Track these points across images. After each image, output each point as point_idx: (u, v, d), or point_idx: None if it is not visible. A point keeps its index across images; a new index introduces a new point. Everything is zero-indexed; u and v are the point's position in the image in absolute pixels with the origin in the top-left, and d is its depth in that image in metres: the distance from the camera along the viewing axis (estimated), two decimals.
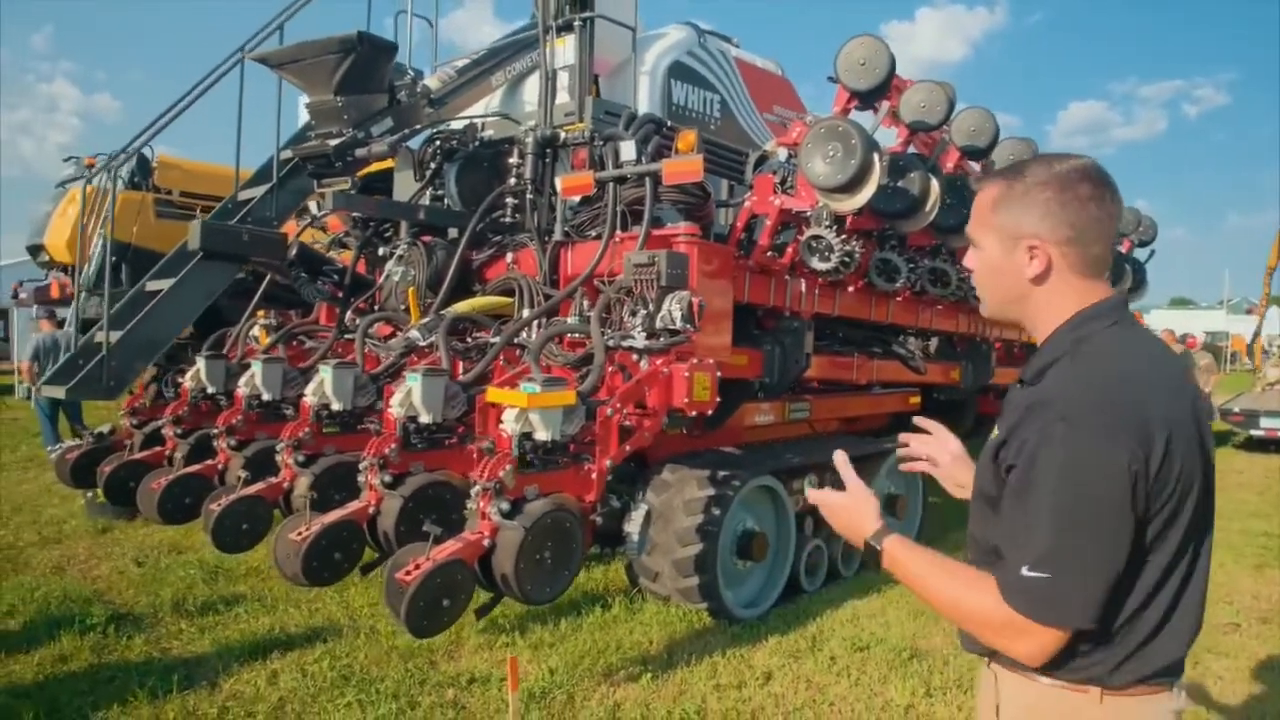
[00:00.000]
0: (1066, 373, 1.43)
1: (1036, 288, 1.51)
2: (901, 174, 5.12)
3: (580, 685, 3.94)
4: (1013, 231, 1.51)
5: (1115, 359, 1.44)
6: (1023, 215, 1.49)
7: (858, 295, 5.83)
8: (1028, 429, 1.39)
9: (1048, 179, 1.47)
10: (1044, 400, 1.40)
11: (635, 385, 4.00)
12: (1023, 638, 1.38)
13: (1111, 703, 1.42)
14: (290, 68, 5.00)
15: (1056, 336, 1.50)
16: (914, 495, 6.55)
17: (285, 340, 5.71)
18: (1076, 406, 1.36)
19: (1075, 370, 1.43)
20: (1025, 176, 1.50)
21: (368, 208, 5.35)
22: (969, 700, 3.92)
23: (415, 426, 4.17)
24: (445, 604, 3.32)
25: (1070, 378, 1.42)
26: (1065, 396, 1.39)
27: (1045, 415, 1.37)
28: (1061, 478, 1.34)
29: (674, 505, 4.72)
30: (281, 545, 3.89)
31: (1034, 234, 1.48)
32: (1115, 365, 1.43)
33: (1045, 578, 1.33)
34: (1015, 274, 1.52)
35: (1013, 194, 1.50)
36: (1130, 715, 1.43)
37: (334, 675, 3.98)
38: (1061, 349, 1.47)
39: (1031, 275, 1.50)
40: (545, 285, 4.92)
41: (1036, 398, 1.43)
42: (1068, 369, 1.44)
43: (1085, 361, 1.43)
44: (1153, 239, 8.99)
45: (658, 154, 4.76)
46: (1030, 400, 1.43)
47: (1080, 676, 1.43)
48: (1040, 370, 1.48)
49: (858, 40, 4.89)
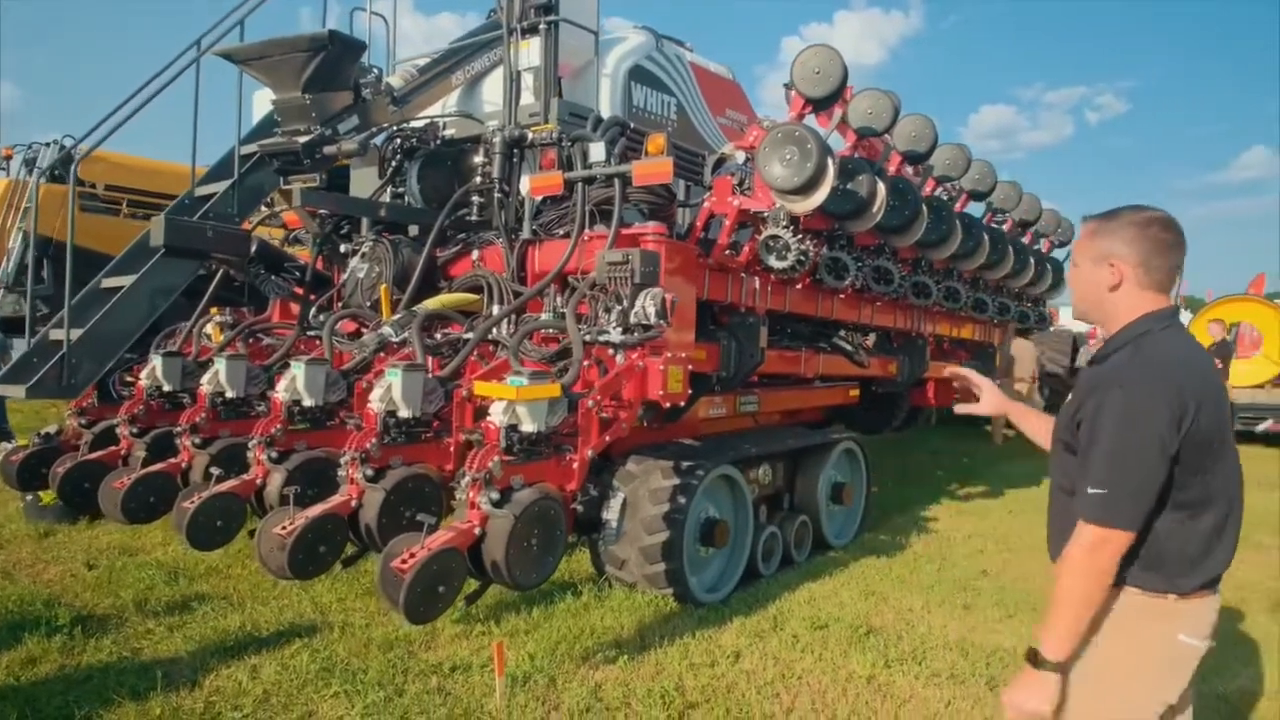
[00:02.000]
0: (1127, 357, 2.03)
1: (1110, 294, 2.11)
2: (850, 177, 5.40)
3: (560, 669, 4.07)
4: (1103, 253, 2.10)
5: (1166, 350, 2.01)
6: (1110, 243, 2.09)
7: (806, 292, 6.10)
8: (1097, 396, 1.99)
9: (1130, 220, 2.08)
10: (1108, 374, 2.02)
11: (614, 378, 4.17)
12: (1105, 545, 1.92)
13: (1183, 603, 2.01)
14: (257, 64, 4.99)
15: (1123, 332, 2.09)
16: (858, 482, 6.87)
17: (243, 338, 5.68)
18: (1130, 378, 1.97)
19: (1134, 357, 2.01)
20: (1117, 218, 2.11)
21: (335, 204, 5.37)
22: (924, 670, 4.21)
23: (394, 420, 4.24)
24: (440, 590, 3.43)
25: (1129, 361, 2.01)
26: (1123, 372, 1.99)
27: (1109, 384, 1.98)
28: (1115, 425, 1.92)
29: (640, 495, 4.88)
30: (265, 540, 3.92)
31: (1115, 255, 2.08)
32: (1165, 354, 2.00)
33: (1103, 493, 1.92)
34: (1099, 284, 2.12)
35: (1106, 228, 2.11)
36: (1193, 610, 2.02)
37: (316, 668, 4.02)
38: (1125, 340, 2.06)
39: (1109, 285, 2.10)
40: (513, 282, 5.04)
41: (1103, 373, 2.04)
42: (1129, 355, 2.03)
43: (1142, 350, 2.01)
44: (1070, 240, 9.55)
45: (624, 155, 4.93)
46: (1098, 376, 2.05)
47: (1162, 588, 2.00)
48: (1107, 355, 2.09)
49: (813, 50, 5.14)
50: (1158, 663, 2.02)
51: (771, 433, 6.54)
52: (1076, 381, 2.23)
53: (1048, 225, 8.77)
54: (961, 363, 9.19)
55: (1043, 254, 8.92)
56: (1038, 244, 8.86)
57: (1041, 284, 8.69)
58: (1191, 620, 2.02)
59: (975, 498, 8.73)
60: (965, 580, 5.74)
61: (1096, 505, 1.92)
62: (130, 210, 9.30)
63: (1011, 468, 10.74)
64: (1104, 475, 1.92)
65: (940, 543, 6.79)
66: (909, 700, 3.92)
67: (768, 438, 6.21)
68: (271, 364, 5.35)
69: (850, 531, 6.78)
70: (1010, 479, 9.80)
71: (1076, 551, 1.96)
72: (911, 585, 5.60)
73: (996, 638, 4.71)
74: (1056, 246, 9.39)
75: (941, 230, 6.42)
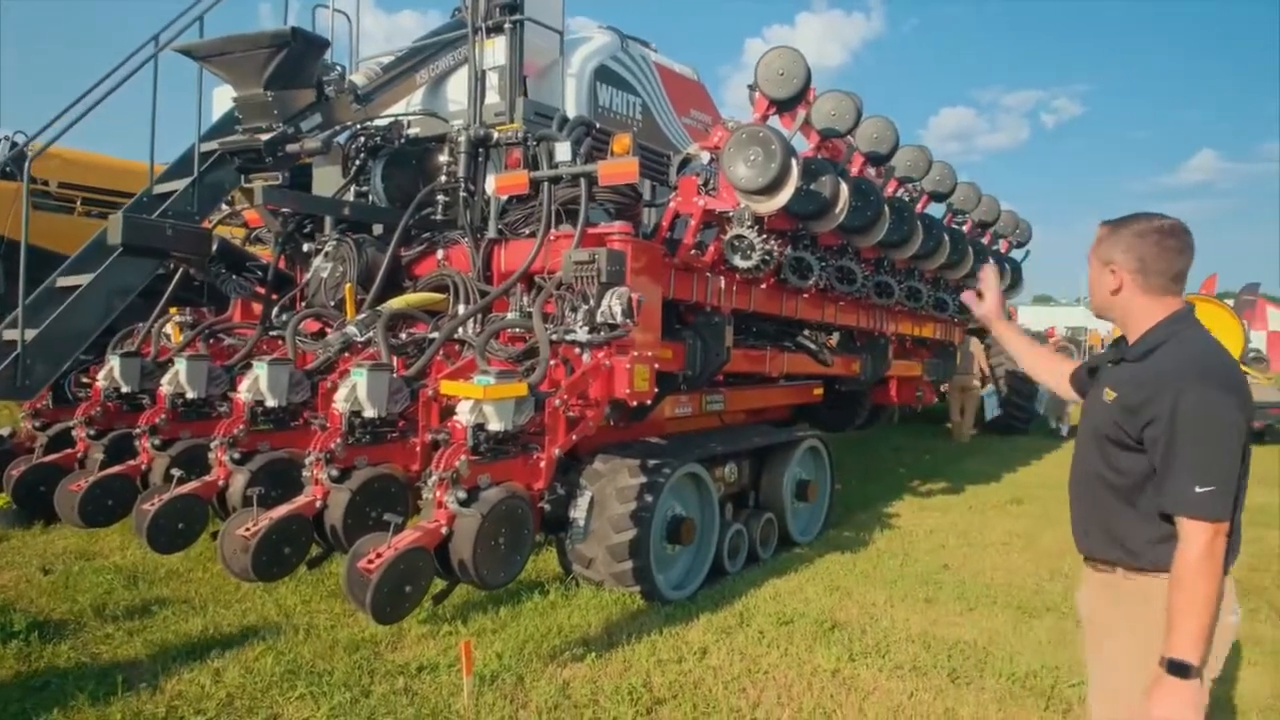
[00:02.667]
0: (1176, 352, 2.09)
1: (1113, 297, 2.22)
2: (814, 178, 5.46)
3: (528, 667, 4.07)
4: (1104, 259, 2.22)
5: (1208, 344, 2.12)
6: (1110, 249, 2.21)
7: (770, 291, 6.15)
8: (1164, 392, 2.03)
9: (1132, 229, 2.19)
10: (1169, 370, 2.06)
11: (580, 377, 4.18)
12: (1218, 539, 1.98)
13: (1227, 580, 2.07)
14: (217, 61, 4.93)
15: (1156, 330, 2.16)
16: (823, 479, 6.95)
17: (204, 338, 5.60)
18: (1202, 371, 2.03)
19: (1183, 351, 2.09)
20: (1122, 226, 2.22)
21: (298, 202, 5.32)
22: (888, 663, 4.28)
23: (359, 420, 4.21)
24: (407, 590, 3.42)
25: (1184, 355, 2.08)
26: (1189, 366, 2.04)
27: (1178, 380, 2.02)
28: (1208, 422, 1.98)
29: (607, 493, 4.90)
30: (229, 541, 3.88)
31: (1115, 261, 2.19)
32: (1213, 348, 2.11)
33: (1212, 489, 1.96)
34: (1102, 286, 2.24)
35: (1109, 235, 2.22)
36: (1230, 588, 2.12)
37: (280, 670, 3.98)
38: (1162, 338, 2.13)
39: (1110, 289, 2.21)
40: (479, 281, 5.03)
41: (1158, 370, 2.08)
42: (1176, 350, 2.09)
43: (1188, 345, 2.10)
44: (1028, 240, 9.73)
45: (589, 155, 4.94)
46: (1151, 372, 2.09)
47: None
48: (1146, 352, 2.15)
49: (777, 51, 5.20)
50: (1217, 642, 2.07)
51: (737, 431, 6.60)
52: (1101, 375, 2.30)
53: (1006, 226, 8.93)
54: (924, 362, 9.34)
55: (1001, 254, 9.09)
56: (996, 244, 9.02)
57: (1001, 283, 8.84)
58: (1230, 598, 2.12)
59: (937, 494, 8.87)
60: (927, 575, 5.84)
61: (1207, 502, 1.96)
62: (85, 208, 9.12)
63: (972, 464, 10.94)
64: (1209, 471, 1.97)
65: (903, 538, 6.89)
66: (873, 692, 3.98)
67: (733, 436, 6.26)
68: (233, 364, 5.29)
69: (815, 528, 6.85)
70: (971, 476, 9.97)
71: (1195, 552, 1.97)
72: (875, 580, 5.68)
73: (957, 630, 4.80)
74: (1015, 247, 9.57)
75: (903, 231, 6.52)
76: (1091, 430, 2.24)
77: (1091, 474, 2.25)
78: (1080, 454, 2.33)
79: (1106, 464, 2.18)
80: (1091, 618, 2.34)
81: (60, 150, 8.15)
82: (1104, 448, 2.18)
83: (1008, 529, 7.25)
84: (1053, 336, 14.13)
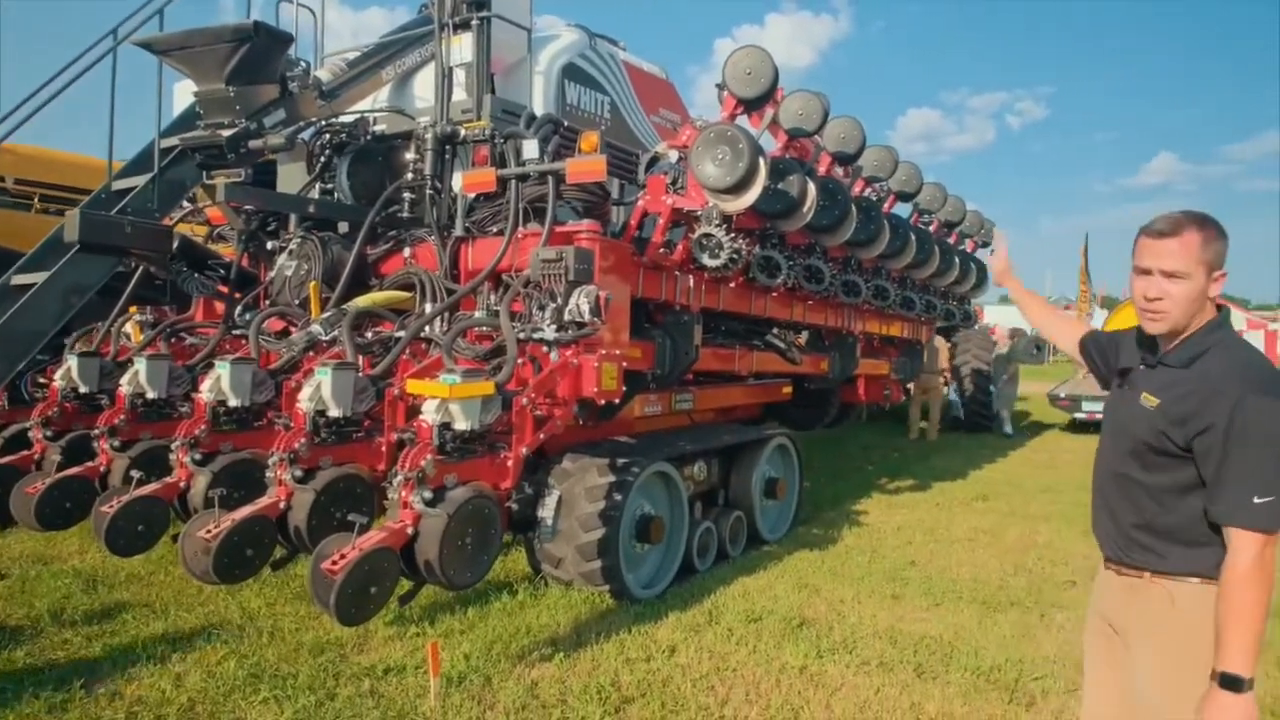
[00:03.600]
0: (1225, 359, 2.05)
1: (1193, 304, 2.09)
2: (782, 177, 5.49)
3: (496, 668, 4.05)
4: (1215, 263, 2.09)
5: (1253, 351, 2.09)
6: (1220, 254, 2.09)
7: (739, 290, 6.18)
8: (1218, 400, 1.98)
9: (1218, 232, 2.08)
10: (1221, 378, 2.01)
11: (548, 375, 4.16)
12: (1269, 548, 1.94)
13: None
14: (178, 54, 4.84)
15: (1198, 336, 2.11)
16: (791, 477, 6.99)
17: (165, 337, 5.51)
18: (1260, 380, 1.98)
19: (1232, 358, 2.05)
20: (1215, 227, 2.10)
21: (261, 199, 5.24)
22: (855, 659, 4.31)
23: (324, 420, 4.16)
24: (372, 591, 3.39)
25: (1234, 363, 2.04)
26: (1242, 375, 2.00)
27: (1234, 389, 1.98)
28: (1267, 430, 1.94)
29: (576, 492, 4.89)
30: (190, 544, 3.82)
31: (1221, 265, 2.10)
32: (1259, 356, 2.08)
33: (1272, 499, 1.93)
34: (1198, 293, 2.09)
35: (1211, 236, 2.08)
36: None
37: (243, 674, 3.92)
38: (1207, 344, 2.08)
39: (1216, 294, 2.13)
40: (446, 280, 4.99)
41: (1209, 377, 2.03)
42: (1224, 357, 2.05)
43: (1235, 352, 2.07)
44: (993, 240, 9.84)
45: (557, 153, 4.92)
46: (1199, 380, 2.04)
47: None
48: (1191, 359, 2.09)
49: (744, 51, 5.22)
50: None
51: (706, 430, 6.61)
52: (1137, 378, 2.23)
53: (972, 226, 9.04)
54: (892, 361, 9.43)
55: (967, 253, 9.19)
56: (962, 244, 9.12)
57: (966, 282, 8.95)
58: None
59: (904, 491, 8.95)
60: (894, 571, 5.89)
61: (1266, 513, 1.93)
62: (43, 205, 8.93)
63: (940, 461, 11.05)
64: (1269, 482, 1.93)
65: (871, 535, 6.94)
66: (840, 688, 4.01)
67: (702, 435, 6.27)
68: (195, 364, 5.20)
69: (784, 526, 6.89)
70: (938, 473, 10.07)
71: (1247, 563, 1.94)
72: (843, 577, 5.72)
73: (923, 626, 4.84)
74: (980, 247, 9.69)
75: (870, 230, 6.57)
76: (1128, 436, 2.18)
77: (1124, 478, 2.21)
78: (1110, 457, 2.28)
79: (1144, 470, 2.14)
80: (1109, 619, 2.31)
81: (15, 146, 7.98)
82: (1142, 454, 2.14)
83: (974, 525, 7.33)
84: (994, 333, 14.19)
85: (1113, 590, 2.29)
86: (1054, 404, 14.71)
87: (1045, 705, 3.89)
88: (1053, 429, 15.19)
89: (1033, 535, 7.03)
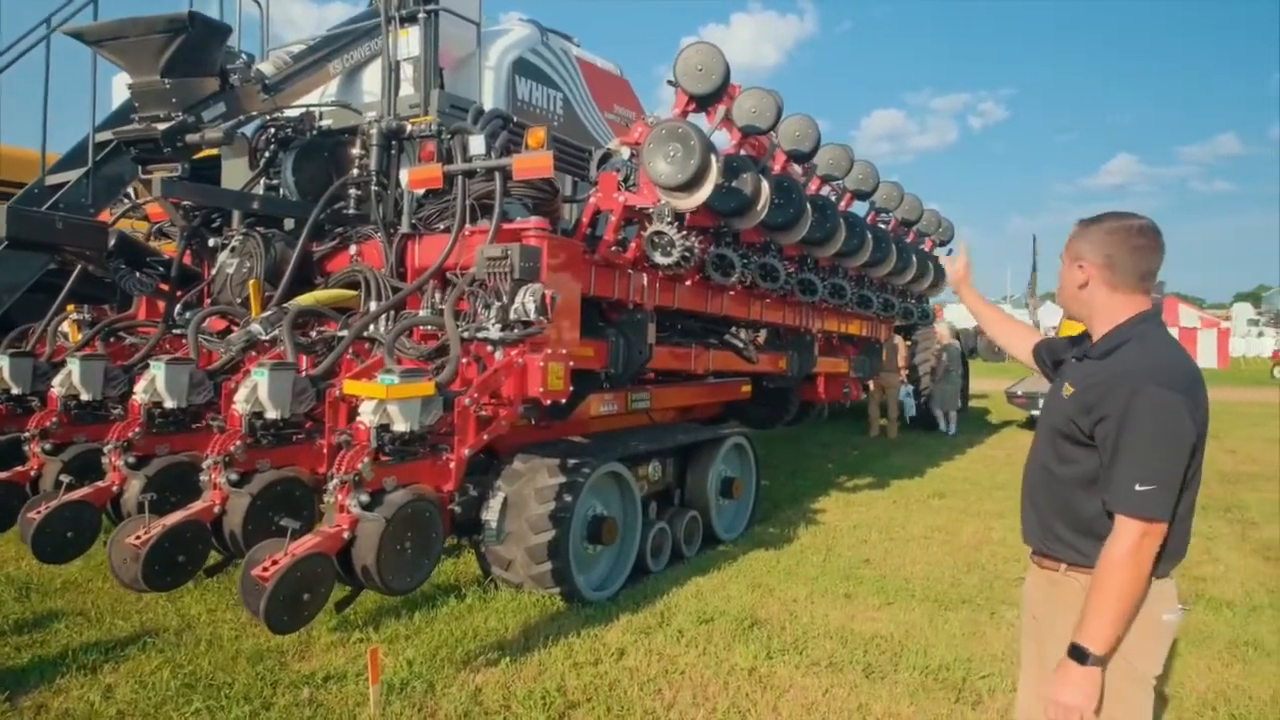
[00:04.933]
0: (1139, 352, 2.09)
1: (1080, 292, 2.22)
2: (735, 174, 5.46)
3: (440, 674, 3.98)
4: (1075, 254, 2.23)
5: (1171, 347, 2.12)
6: (1081, 245, 2.21)
7: (695, 289, 6.14)
8: (1118, 389, 2.02)
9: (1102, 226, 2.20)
10: (1127, 369, 2.05)
11: (492, 375, 4.08)
12: (1150, 539, 1.97)
13: (1157, 583, 2.07)
14: (111, 45, 4.68)
15: (1121, 329, 2.15)
16: (748, 476, 6.96)
17: (103, 336, 5.35)
18: (1160, 373, 2.02)
19: (1146, 350, 2.08)
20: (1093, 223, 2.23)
21: (200, 195, 5.09)
22: (804, 660, 4.29)
23: (262, 422, 4.05)
24: (305, 598, 3.29)
25: (1145, 355, 2.07)
26: (1148, 367, 2.03)
27: (1134, 379, 2.02)
28: (1156, 420, 1.97)
29: (526, 494, 4.82)
30: (118, 550, 3.69)
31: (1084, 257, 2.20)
32: (1175, 351, 2.11)
33: (1153, 488, 1.96)
34: (1070, 282, 2.24)
35: (1081, 232, 2.23)
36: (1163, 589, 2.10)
37: (177, 684, 3.81)
38: (1126, 337, 2.13)
39: (1077, 283, 2.21)
40: (392, 278, 4.89)
41: (1118, 368, 2.08)
42: (1139, 349, 2.09)
43: (1151, 345, 2.10)
44: (951, 239, 9.91)
45: (505, 149, 4.83)
46: (1110, 370, 2.09)
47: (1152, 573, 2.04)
48: (1109, 350, 2.14)
49: (695, 47, 5.17)
50: (1151, 639, 2.10)
51: (661, 429, 6.56)
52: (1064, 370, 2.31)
53: (929, 225, 9.08)
54: (851, 359, 9.45)
55: (925, 252, 9.24)
56: (920, 242, 9.16)
57: (924, 281, 8.99)
58: (1169, 598, 2.12)
59: (862, 489, 8.97)
60: (849, 569, 5.88)
61: (1147, 500, 1.96)
62: None
63: (898, 459, 11.10)
64: (1153, 471, 1.96)
65: (827, 533, 6.94)
66: (788, 690, 3.98)
67: (656, 434, 6.22)
68: (133, 364, 5.05)
69: (740, 525, 6.86)
70: (896, 471, 10.12)
71: (1121, 548, 1.98)
72: (797, 576, 5.70)
73: (875, 625, 4.83)
74: (938, 245, 9.74)
75: (826, 228, 6.56)
76: (1048, 425, 2.24)
77: (1045, 469, 2.25)
78: (1035, 448, 2.32)
79: (1058, 459, 2.19)
80: (1033, 612, 2.34)
81: None
82: (1056, 442, 2.19)
83: (929, 523, 7.36)
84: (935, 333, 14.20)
85: (1036, 584, 2.32)
86: (1011, 401, 14.87)
87: (992, 704, 3.89)
88: (1010, 426, 15.36)
89: (987, 532, 7.07)
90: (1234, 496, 8.85)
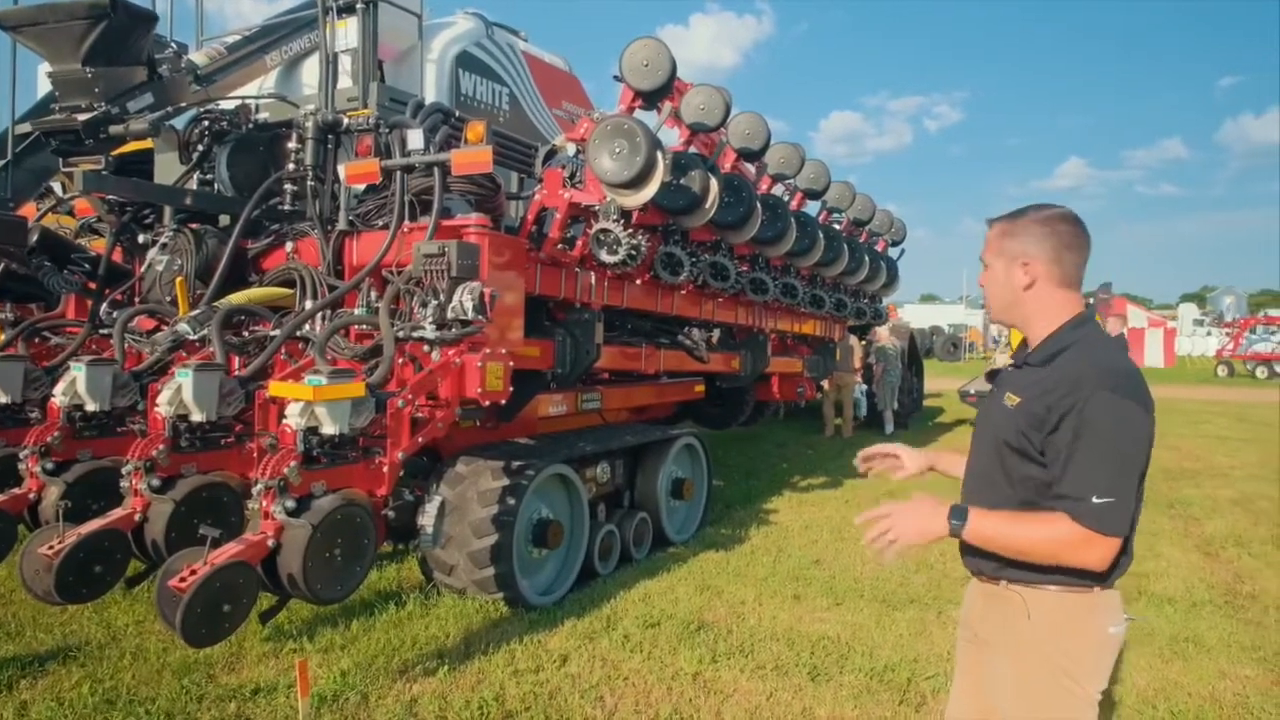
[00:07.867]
0: (1083, 357, 1.96)
1: (1026, 294, 2.06)
2: (683, 172, 5.40)
3: (374, 684, 3.85)
4: (1015, 254, 2.06)
5: (1114, 350, 2.02)
6: (1021, 243, 2.05)
7: (645, 288, 6.06)
8: (1069, 397, 1.89)
9: (1036, 219, 2.05)
10: (1075, 376, 1.92)
11: (427, 376, 3.96)
12: (1095, 549, 1.87)
13: (1103, 594, 1.99)
14: (29, 31, 4.47)
15: (1060, 333, 2.03)
16: (699, 477, 6.89)
17: (26, 336, 5.12)
18: (1113, 379, 1.90)
19: (1090, 356, 1.96)
20: (1024, 217, 2.07)
21: (126, 190, 4.89)
22: (750, 663, 4.23)
23: (186, 426, 3.89)
24: (226, 610, 3.15)
25: (1091, 361, 1.94)
26: (1097, 373, 1.91)
27: (1086, 387, 1.89)
28: (1115, 429, 1.87)
29: (468, 497, 4.70)
30: (30, 561, 3.51)
31: (1028, 255, 2.04)
32: (1119, 355, 2.00)
33: (1111, 501, 1.85)
34: (1014, 285, 2.08)
35: (1015, 229, 2.07)
36: (1109, 600, 2.02)
37: (96, 700, 3.64)
38: (1067, 342, 2.00)
39: (1023, 285, 2.06)
40: (329, 276, 4.75)
41: (1065, 375, 1.94)
42: (1083, 355, 1.96)
43: (1094, 350, 1.98)
44: (903, 239, 9.97)
45: (446, 144, 4.72)
46: (1057, 377, 1.95)
47: (1086, 581, 1.97)
48: (1050, 356, 2.01)
49: (641, 42, 5.09)
50: (1095, 653, 2.01)
51: (609, 430, 6.47)
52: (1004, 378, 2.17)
53: (881, 224, 9.12)
54: (804, 359, 9.44)
55: (878, 252, 9.27)
56: (873, 242, 9.19)
57: (876, 281, 9.02)
58: (1115, 609, 2.03)
59: (815, 489, 8.96)
60: (798, 570, 5.84)
61: (1104, 514, 1.85)
62: None
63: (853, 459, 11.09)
64: (1110, 483, 1.86)
65: (778, 534, 6.90)
66: (732, 695, 3.92)
67: (604, 435, 6.13)
68: (56, 365, 4.84)
69: (691, 527, 6.79)
70: (850, 470, 10.06)
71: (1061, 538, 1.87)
72: (746, 578, 5.65)
73: (822, 626, 4.79)
74: (891, 245, 9.79)
75: (777, 227, 6.53)
76: (991, 436, 2.08)
77: (985, 481, 2.10)
78: (976, 459, 2.18)
79: (1003, 472, 2.04)
80: (973, 627, 2.21)
81: None
82: (1004, 455, 2.03)
83: None
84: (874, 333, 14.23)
85: (974, 597, 2.22)
86: (964, 400, 15.01)
87: (935, 705, 3.86)
88: (964, 425, 15.51)
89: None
90: (1176, 493, 9.00)
